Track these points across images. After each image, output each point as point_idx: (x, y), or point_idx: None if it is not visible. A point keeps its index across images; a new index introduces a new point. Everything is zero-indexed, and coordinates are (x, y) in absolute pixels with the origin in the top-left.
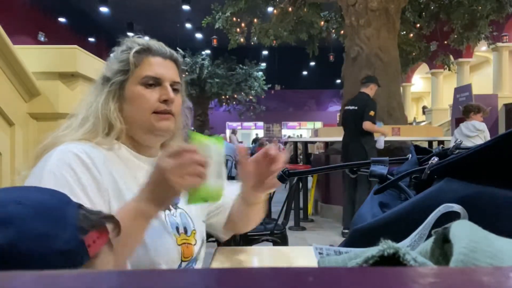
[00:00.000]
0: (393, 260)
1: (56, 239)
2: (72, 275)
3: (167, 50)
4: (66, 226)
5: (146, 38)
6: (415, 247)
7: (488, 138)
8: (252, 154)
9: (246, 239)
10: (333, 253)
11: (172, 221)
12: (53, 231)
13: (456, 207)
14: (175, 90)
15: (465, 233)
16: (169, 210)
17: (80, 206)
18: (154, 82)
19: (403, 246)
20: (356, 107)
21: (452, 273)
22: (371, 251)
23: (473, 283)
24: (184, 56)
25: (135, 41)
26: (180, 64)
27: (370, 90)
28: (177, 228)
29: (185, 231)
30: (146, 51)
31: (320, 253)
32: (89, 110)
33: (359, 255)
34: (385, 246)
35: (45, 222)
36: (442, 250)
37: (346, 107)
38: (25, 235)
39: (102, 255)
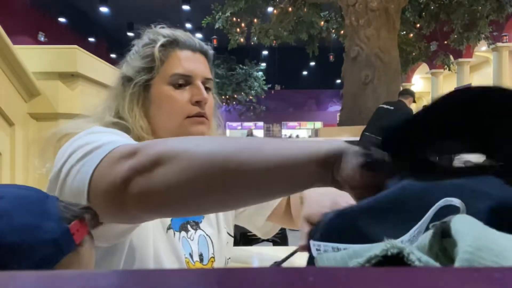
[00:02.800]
0: (397, 259)
1: (42, 228)
2: (72, 275)
3: (196, 41)
4: (50, 216)
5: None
6: (413, 242)
7: None
8: None
9: (246, 239)
10: (330, 249)
11: (187, 246)
12: (38, 221)
13: (456, 201)
14: (206, 89)
15: (468, 230)
16: (186, 231)
17: (58, 199)
18: (184, 81)
19: (403, 241)
20: (393, 107)
21: (453, 273)
22: (374, 250)
23: (475, 282)
24: None
25: (159, 32)
26: (210, 57)
27: (407, 101)
28: (191, 255)
29: (201, 259)
30: (172, 43)
31: (317, 249)
32: (110, 116)
33: (358, 252)
34: (389, 245)
35: (29, 213)
36: (441, 244)
37: (381, 106)
38: (12, 226)
39: (86, 244)
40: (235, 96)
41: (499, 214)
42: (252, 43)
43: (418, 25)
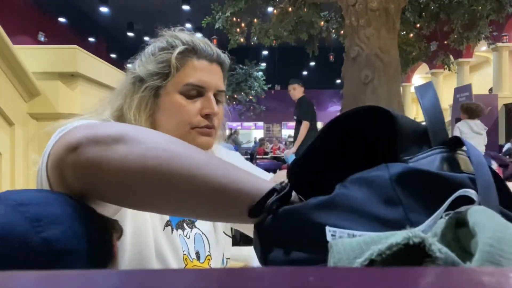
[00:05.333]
0: (418, 248)
1: (91, 236)
2: (72, 275)
3: (214, 50)
4: (97, 224)
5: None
6: (427, 231)
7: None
8: (252, 154)
9: (246, 239)
10: (346, 236)
11: (183, 244)
12: (90, 229)
13: (472, 193)
14: (217, 101)
15: (488, 222)
16: (183, 229)
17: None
18: (197, 92)
19: (419, 230)
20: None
21: (452, 273)
22: (395, 238)
23: (473, 283)
24: None
25: (178, 37)
26: (226, 68)
27: (298, 88)
28: (188, 253)
29: (198, 257)
30: (191, 52)
31: (332, 235)
32: (111, 110)
33: (375, 239)
34: (411, 234)
35: (83, 221)
36: (455, 234)
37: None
38: (65, 233)
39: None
40: (235, 96)
41: (398, 181)
42: (252, 43)
43: (418, 25)
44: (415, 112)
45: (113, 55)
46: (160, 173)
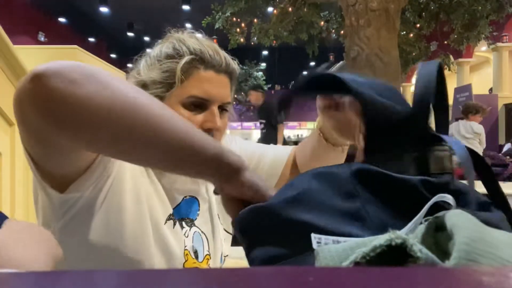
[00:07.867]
0: (400, 250)
1: None
2: (72, 275)
3: (223, 60)
4: None
5: (198, 36)
6: (408, 235)
7: (484, 141)
8: None
9: None
10: (331, 242)
11: (181, 243)
12: None
13: (448, 198)
14: (223, 111)
15: (465, 224)
16: (181, 228)
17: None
18: (200, 104)
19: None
20: None
21: (452, 273)
22: (378, 241)
23: (473, 283)
24: None
25: (186, 43)
26: (235, 77)
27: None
28: (186, 253)
29: (196, 256)
30: (198, 61)
31: (318, 242)
32: None
33: (360, 244)
34: (393, 236)
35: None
36: (435, 238)
37: None
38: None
39: None
40: (235, 96)
41: (356, 176)
42: (252, 43)
43: (418, 25)
44: None
45: (113, 55)
46: (125, 119)
